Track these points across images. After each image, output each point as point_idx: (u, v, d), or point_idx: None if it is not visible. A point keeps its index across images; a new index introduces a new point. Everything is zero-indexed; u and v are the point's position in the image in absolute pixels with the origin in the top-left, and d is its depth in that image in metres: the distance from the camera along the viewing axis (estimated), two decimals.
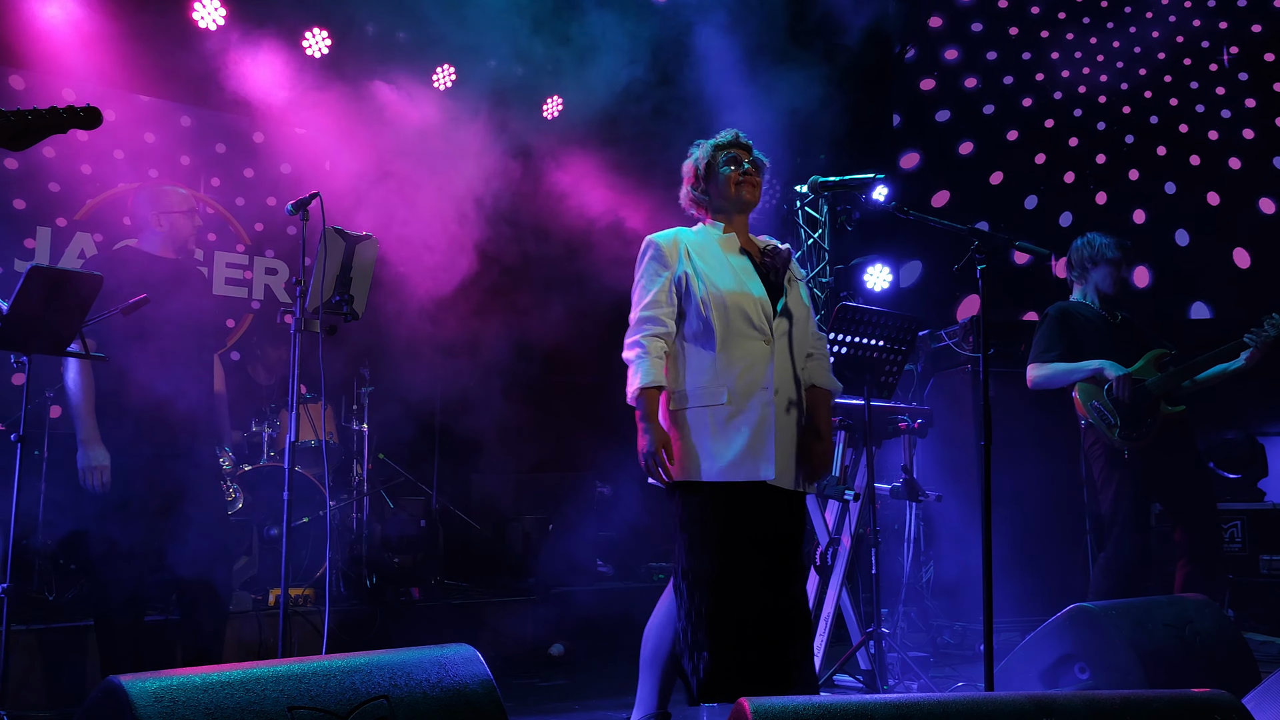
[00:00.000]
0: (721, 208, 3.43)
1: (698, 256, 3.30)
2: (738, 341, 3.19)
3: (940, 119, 8.93)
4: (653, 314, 3.22)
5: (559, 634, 5.87)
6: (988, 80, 8.88)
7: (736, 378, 3.15)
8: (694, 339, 3.23)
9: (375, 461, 6.67)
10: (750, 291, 3.24)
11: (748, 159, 3.43)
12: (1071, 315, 4.75)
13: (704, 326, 3.21)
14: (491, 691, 2.01)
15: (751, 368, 3.17)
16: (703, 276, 3.25)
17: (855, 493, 4.33)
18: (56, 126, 2.49)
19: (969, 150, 8.82)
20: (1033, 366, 4.72)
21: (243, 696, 1.79)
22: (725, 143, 3.46)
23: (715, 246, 3.36)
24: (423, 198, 7.33)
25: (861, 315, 4.05)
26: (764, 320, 3.22)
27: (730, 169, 3.40)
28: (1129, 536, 4.51)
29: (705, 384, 3.16)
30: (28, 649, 4.40)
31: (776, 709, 1.66)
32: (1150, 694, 1.86)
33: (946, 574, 6.60)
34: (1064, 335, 4.69)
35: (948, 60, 9.04)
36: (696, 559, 3.05)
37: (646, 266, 3.31)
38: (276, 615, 3.98)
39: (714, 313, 3.20)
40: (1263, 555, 6.43)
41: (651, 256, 3.31)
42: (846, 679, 4.56)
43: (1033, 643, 3.67)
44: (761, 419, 3.13)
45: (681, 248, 3.32)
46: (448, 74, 7.77)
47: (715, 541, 3.05)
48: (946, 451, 6.63)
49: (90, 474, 3.86)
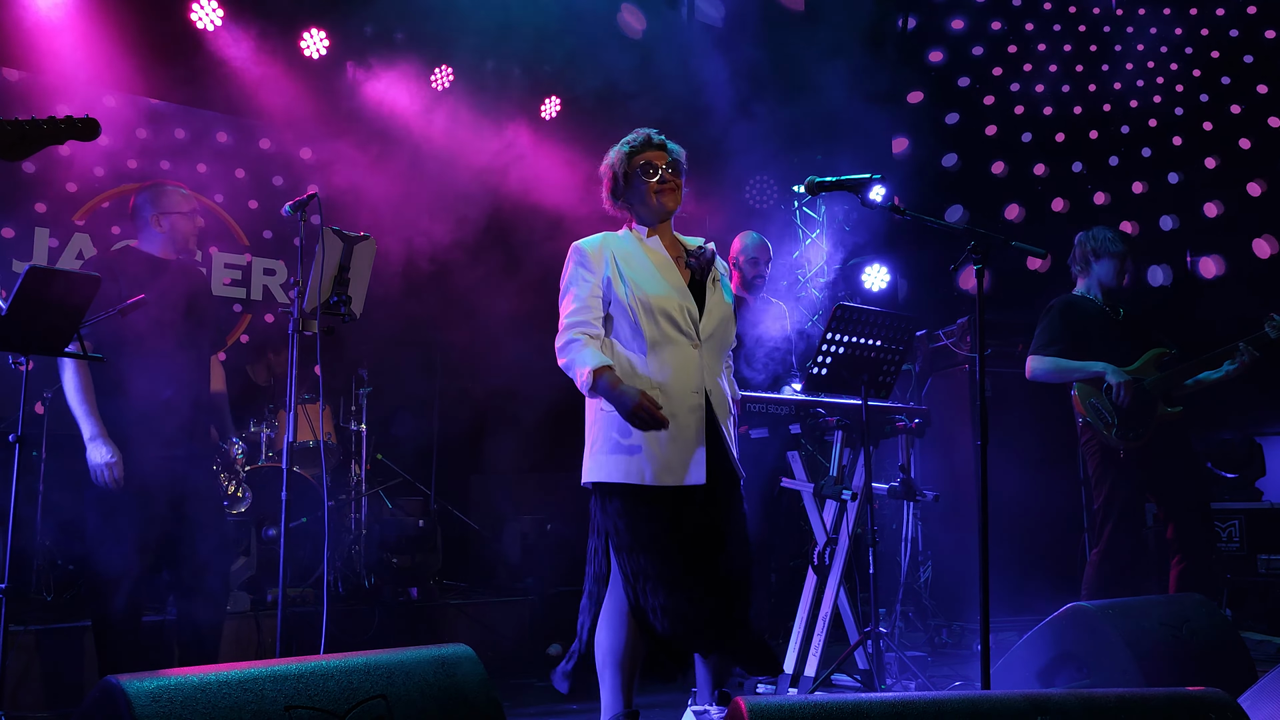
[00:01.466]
0: (644, 216, 3.44)
1: (624, 262, 3.34)
2: (666, 346, 3.26)
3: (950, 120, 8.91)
4: (581, 318, 3.29)
5: (556, 634, 5.87)
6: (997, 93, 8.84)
7: (668, 381, 3.23)
8: (624, 344, 3.31)
9: (373, 462, 6.67)
10: (675, 296, 3.30)
11: (664, 163, 3.40)
12: (1074, 309, 4.75)
13: (633, 331, 3.28)
14: (489, 691, 2.01)
15: (680, 371, 3.26)
16: (629, 282, 3.30)
17: (853, 492, 4.33)
18: (53, 137, 2.50)
19: (1001, 170, 8.76)
20: (1033, 358, 4.72)
21: (241, 696, 1.80)
22: (638, 147, 3.42)
23: (640, 251, 3.39)
24: (421, 198, 7.33)
25: (859, 315, 4.05)
26: (690, 324, 3.30)
27: (648, 180, 3.38)
28: (1121, 535, 4.53)
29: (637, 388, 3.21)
30: (25, 649, 4.40)
31: (773, 708, 1.67)
32: (1145, 692, 1.87)
33: (944, 573, 6.60)
34: (1067, 329, 4.69)
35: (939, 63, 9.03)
36: (634, 559, 3.17)
37: (573, 273, 3.36)
38: (274, 615, 3.98)
39: (642, 317, 3.26)
40: (1260, 555, 6.44)
41: (578, 263, 3.36)
42: (844, 678, 4.56)
43: (1030, 642, 3.67)
44: (695, 423, 3.23)
45: (607, 253, 3.36)
46: (445, 75, 7.77)
47: (650, 540, 3.16)
48: (944, 451, 6.64)
49: (102, 471, 3.86)
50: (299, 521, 5.53)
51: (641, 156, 3.40)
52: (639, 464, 3.19)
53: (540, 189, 7.92)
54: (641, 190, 3.38)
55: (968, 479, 6.38)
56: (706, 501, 3.26)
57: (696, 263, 3.41)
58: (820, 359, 4.05)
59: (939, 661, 5.52)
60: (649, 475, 3.18)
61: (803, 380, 4.20)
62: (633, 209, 3.45)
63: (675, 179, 3.41)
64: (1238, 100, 8.27)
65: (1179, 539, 4.55)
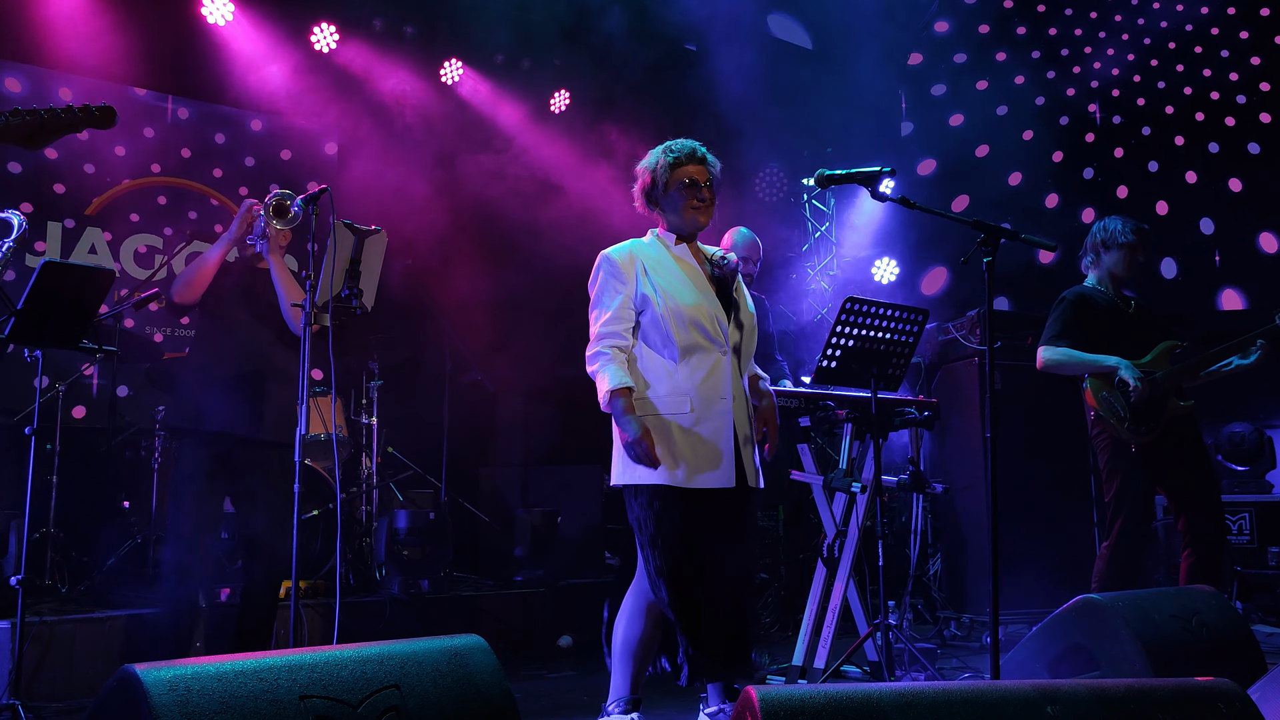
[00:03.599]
0: (675, 225, 3.50)
1: (654, 270, 3.40)
2: (696, 353, 3.33)
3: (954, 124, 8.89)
4: (613, 329, 3.35)
5: (567, 626, 5.90)
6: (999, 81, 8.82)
7: (697, 387, 3.30)
8: (655, 350, 3.37)
9: (384, 455, 6.70)
10: (705, 304, 3.37)
11: (705, 182, 3.46)
12: (1086, 301, 4.72)
13: (664, 339, 3.34)
14: (501, 680, 2.03)
15: (710, 377, 3.33)
16: (660, 290, 3.36)
17: (862, 485, 4.34)
18: (70, 126, 2.52)
19: (984, 152, 8.75)
20: (1044, 348, 4.69)
21: (256, 685, 1.81)
22: (683, 158, 3.46)
23: (670, 260, 3.46)
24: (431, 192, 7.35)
25: (868, 307, 4.06)
26: (719, 331, 3.37)
27: (687, 196, 3.43)
28: (1132, 528, 4.52)
29: (667, 394, 3.31)
30: (40, 640, 4.43)
31: (784, 697, 1.68)
32: (1154, 683, 1.87)
33: (953, 566, 6.61)
34: (1078, 322, 4.65)
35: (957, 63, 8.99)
36: (664, 558, 3.24)
37: (604, 284, 3.42)
38: (288, 607, 4.01)
39: (673, 326, 3.33)
40: (1271, 547, 6.42)
41: (608, 273, 3.42)
42: (854, 670, 4.58)
43: (1039, 634, 3.67)
44: (723, 428, 3.31)
45: (637, 263, 3.42)
46: (455, 68, 7.78)
47: (680, 541, 3.23)
48: (953, 444, 6.63)
49: None
50: (310, 514, 5.56)
51: (686, 170, 3.45)
52: (670, 466, 3.25)
53: (552, 181, 7.94)
54: (679, 203, 3.44)
55: (977, 471, 6.38)
56: (730, 506, 3.33)
57: (721, 272, 3.49)
58: (830, 351, 4.06)
59: (948, 654, 5.52)
60: (680, 476, 3.25)
61: (812, 373, 4.20)
62: (665, 216, 3.51)
63: (713, 197, 3.48)
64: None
65: (1190, 532, 4.54)
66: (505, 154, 8.01)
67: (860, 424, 4.40)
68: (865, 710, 1.71)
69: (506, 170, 7.89)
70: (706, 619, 3.25)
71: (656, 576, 3.27)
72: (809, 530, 6.45)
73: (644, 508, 3.29)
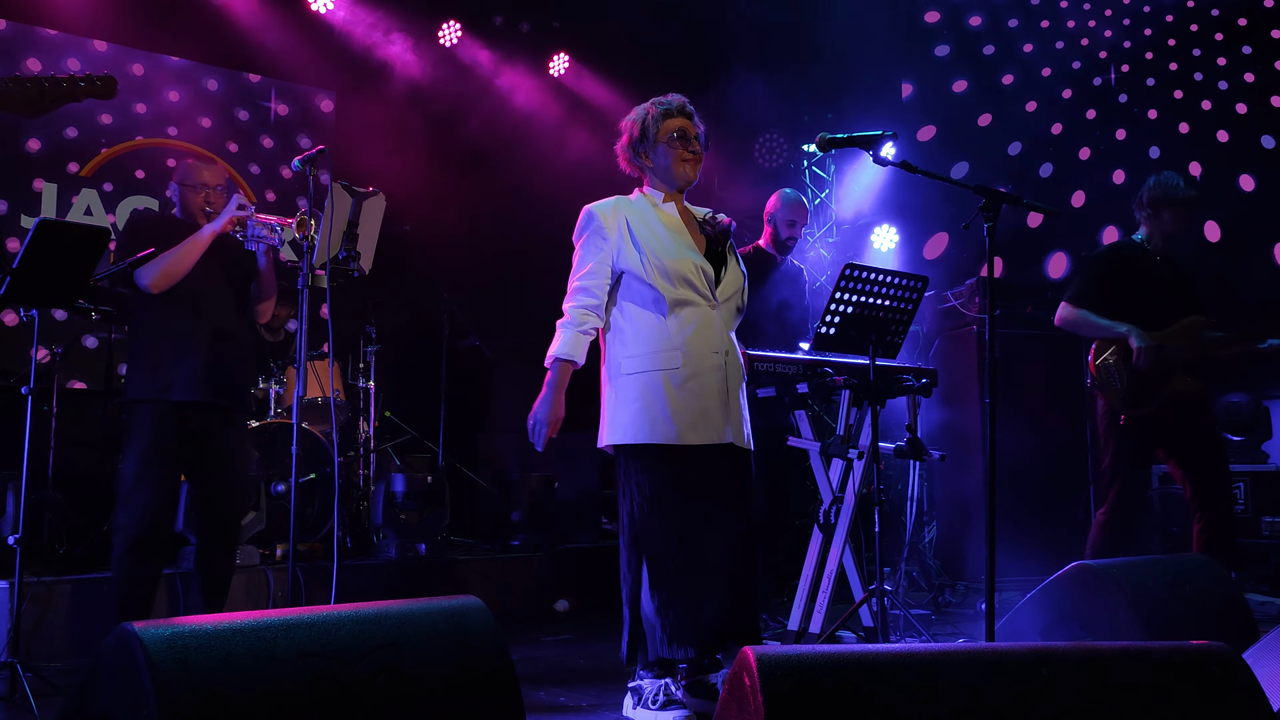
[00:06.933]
0: (662, 180, 3.46)
1: (638, 226, 3.34)
2: (685, 307, 3.29)
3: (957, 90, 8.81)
4: (586, 285, 3.31)
5: (564, 590, 5.93)
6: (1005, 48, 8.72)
7: (687, 341, 3.26)
8: (642, 305, 3.31)
9: (382, 419, 6.70)
10: (691, 258, 3.32)
11: (694, 134, 3.42)
12: (1120, 259, 4.60)
13: (651, 294, 3.29)
14: (499, 641, 2.03)
15: (701, 331, 3.28)
16: (645, 246, 3.31)
17: (859, 451, 4.34)
18: (71, 96, 2.55)
19: (986, 121, 8.68)
20: (1064, 305, 4.59)
21: (254, 643, 1.82)
22: (674, 110, 3.42)
23: (655, 215, 3.40)
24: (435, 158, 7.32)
25: (867, 274, 4.04)
26: (706, 286, 3.32)
27: (678, 149, 3.39)
28: (1127, 496, 4.51)
29: (658, 349, 3.26)
30: (39, 600, 4.45)
31: (780, 657, 1.68)
32: (1147, 645, 1.88)
33: (949, 533, 6.64)
34: (1103, 281, 4.55)
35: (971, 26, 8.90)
36: (653, 518, 3.18)
37: (587, 238, 3.38)
38: (285, 570, 4.02)
39: (659, 280, 3.27)
40: (1265, 517, 6.45)
41: (592, 229, 3.37)
42: (849, 635, 4.60)
43: (1034, 601, 3.69)
44: (716, 381, 3.27)
45: (621, 217, 3.36)
46: (454, 30, 7.72)
47: (672, 501, 3.19)
48: (951, 411, 6.64)
49: None
50: (308, 478, 5.57)
51: (676, 122, 3.41)
52: (664, 424, 3.21)
53: (551, 145, 7.90)
54: (668, 156, 3.40)
55: (974, 439, 6.39)
56: (726, 462, 3.30)
57: (713, 231, 3.44)
58: (829, 318, 4.04)
59: (943, 620, 5.56)
60: (674, 434, 3.21)
61: (810, 339, 4.19)
62: (651, 171, 3.46)
63: (702, 151, 3.45)
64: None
65: (1199, 506, 4.49)
66: (505, 116, 7.96)
67: (858, 391, 4.39)
68: (862, 670, 1.72)
69: (507, 131, 7.85)
70: (703, 584, 3.19)
71: (638, 537, 3.21)
72: (806, 496, 6.47)
73: (639, 471, 3.25)
